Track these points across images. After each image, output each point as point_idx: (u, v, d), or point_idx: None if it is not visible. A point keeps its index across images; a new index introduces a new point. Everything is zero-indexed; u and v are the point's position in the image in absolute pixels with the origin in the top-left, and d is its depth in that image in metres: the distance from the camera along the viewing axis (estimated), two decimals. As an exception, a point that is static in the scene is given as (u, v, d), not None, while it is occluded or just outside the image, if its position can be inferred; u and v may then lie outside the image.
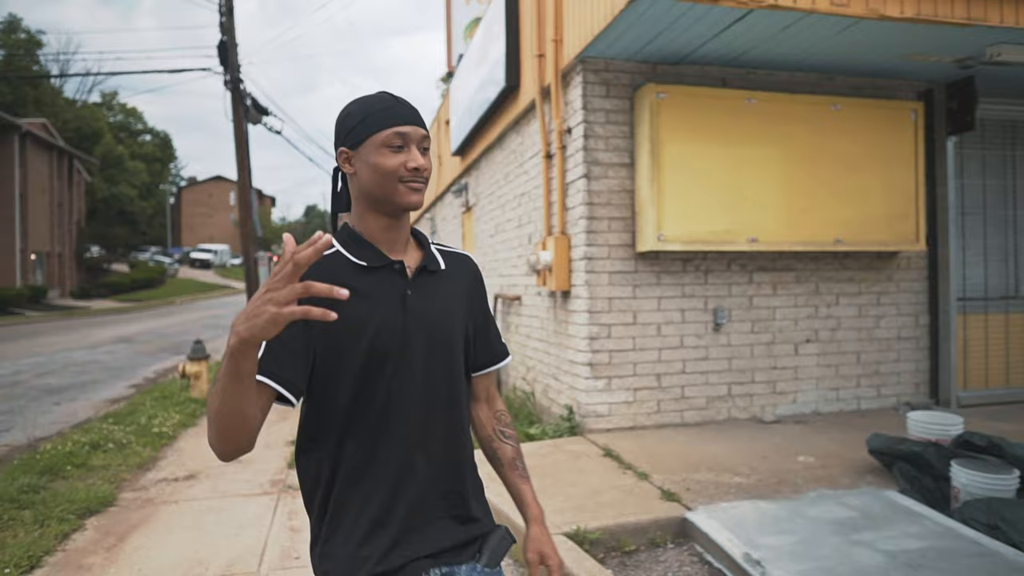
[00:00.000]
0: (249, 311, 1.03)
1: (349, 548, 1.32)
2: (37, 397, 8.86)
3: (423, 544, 1.36)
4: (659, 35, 4.84)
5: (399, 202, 1.35)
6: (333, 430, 1.33)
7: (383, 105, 1.36)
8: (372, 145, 1.34)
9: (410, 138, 1.35)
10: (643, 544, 3.49)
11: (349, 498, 1.33)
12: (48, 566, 3.49)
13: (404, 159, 1.34)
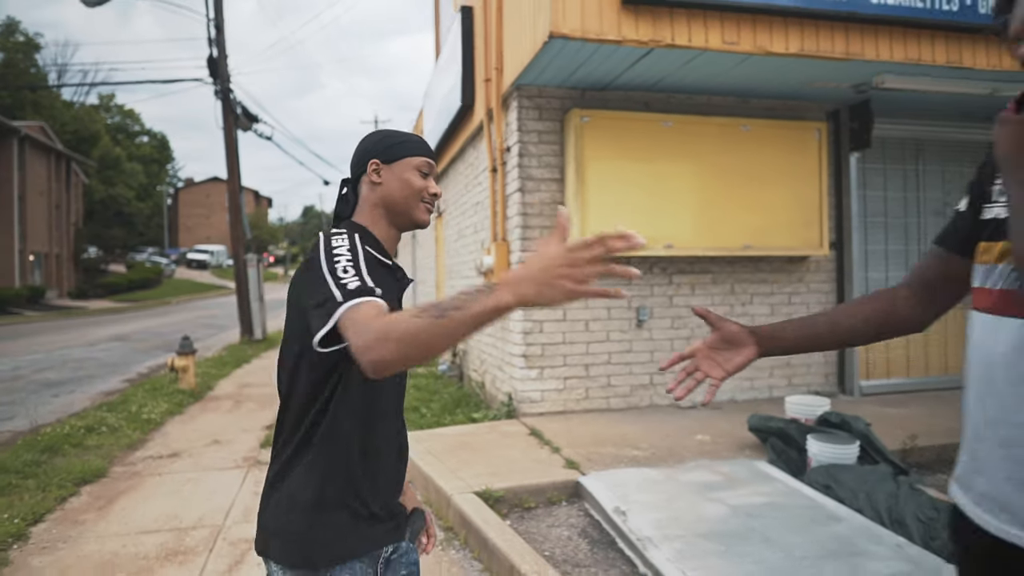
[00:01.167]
0: (540, 279, 1.07)
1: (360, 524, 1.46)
2: (37, 390, 9.57)
3: (397, 521, 1.55)
4: (579, 67, 5.56)
5: (416, 216, 1.57)
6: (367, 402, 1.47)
7: (418, 139, 1.61)
8: (407, 165, 1.55)
9: (433, 170, 1.61)
10: (541, 502, 4.21)
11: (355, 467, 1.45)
12: (49, 521, 4.22)
13: (427, 184, 1.57)
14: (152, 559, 3.65)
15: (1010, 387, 1.15)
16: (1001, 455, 1.17)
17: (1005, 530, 1.16)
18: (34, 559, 3.66)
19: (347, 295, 1.25)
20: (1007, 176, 1.16)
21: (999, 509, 1.17)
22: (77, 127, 44.65)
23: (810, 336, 1.47)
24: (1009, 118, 1.17)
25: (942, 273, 1.40)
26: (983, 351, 1.21)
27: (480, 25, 7.06)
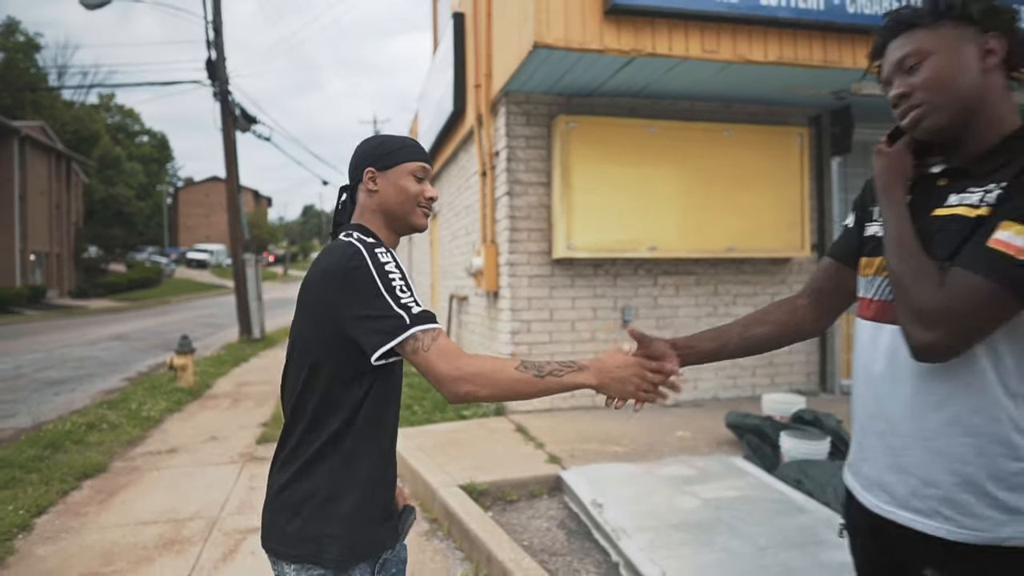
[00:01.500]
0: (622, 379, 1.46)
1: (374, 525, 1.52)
2: (39, 388, 9.75)
3: (394, 522, 1.61)
4: (565, 75, 5.74)
5: (413, 222, 1.60)
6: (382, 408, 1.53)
7: (412, 143, 1.63)
8: (402, 171, 1.57)
9: (428, 173, 1.63)
10: (523, 495, 4.39)
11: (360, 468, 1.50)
12: (52, 513, 4.39)
13: (423, 188, 1.60)
14: (151, 548, 3.83)
15: (886, 385, 1.33)
16: (880, 445, 1.35)
17: (883, 508, 1.34)
18: (38, 548, 3.84)
19: (414, 320, 1.38)
20: (881, 199, 1.34)
21: (879, 490, 1.35)
22: (77, 127, 44.81)
23: (722, 345, 1.65)
24: (883, 150, 1.36)
25: (833, 283, 1.58)
26: (865, 354, 1.39)
27: (471, 32, 7.23)
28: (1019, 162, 1.20)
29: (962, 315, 1.15)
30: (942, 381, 1.24)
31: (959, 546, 1.23)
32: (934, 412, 1.25)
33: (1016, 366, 1.21)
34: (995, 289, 1.13)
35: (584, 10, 5.09)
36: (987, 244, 1.15)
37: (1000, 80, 1.28)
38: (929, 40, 1.28)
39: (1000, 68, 1.28)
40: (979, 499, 1.21)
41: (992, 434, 1.21)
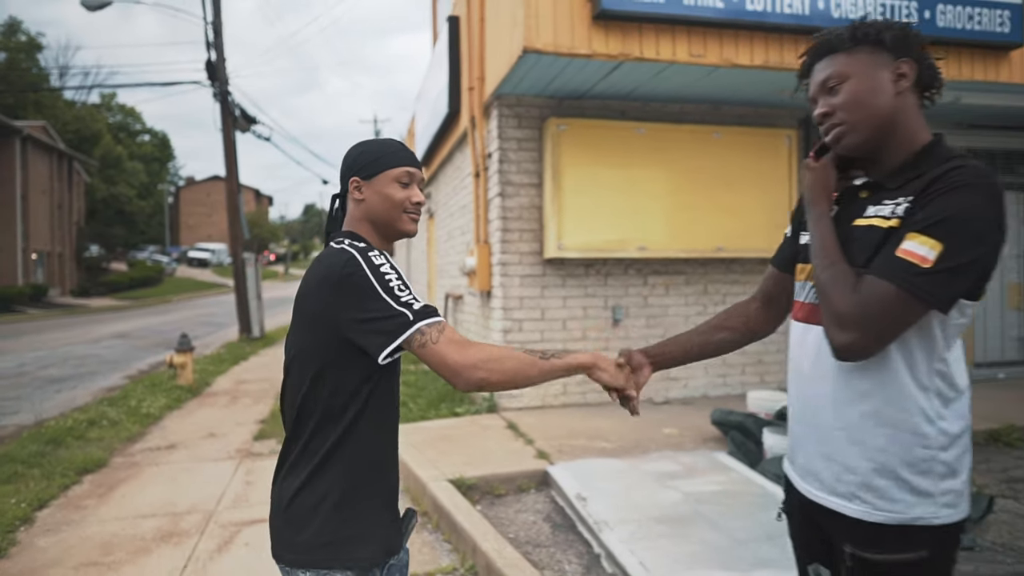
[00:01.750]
0: (609, 371, 1.60)
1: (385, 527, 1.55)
2: (41, 386, 9.88)
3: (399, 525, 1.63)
4: (555, 78, 5.85)
5: (401, 228, 1.60)
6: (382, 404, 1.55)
7: (395, 148, 1.61)
8: (385, 179, 1.57)
9: (414, 177, 1.61)
10: (511, 490, 4.51)
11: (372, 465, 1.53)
12: (53, 506, 4.52)
13: (409, 194, 1.59)
14: (149, 540, 3.95)
15: (813, 382, 1.45)
16: (810, 436, 1.48)
17: (814, 493, 1.47)
18: (40, 540, 3.96)
19: (417, 315, 1.40)
20: (808, 211, 1.46)
21: (811, 478, 1.48)
22: (79, 126, 44.95)
23: (687, 351, 1.79)
24: (810, 165, 1.48)
25: (778, 288, 1.70)
26: (797, 352, 1.52)
27: (465, 35, 7.34)
28: (925, 177, 1.32)
29: (874, 318, 1.26)
30: (861, 378, 1.36)
31: (875, 526, 1.35)
32: (854, 406, 1.38)
33: (927, 362, 1.33)
34: (902, 294, 1.24)
35: (573, 16, 5.20)
36: (895, 254, 1.27)
37: (912, 100, 1.41)
38: (848, 64, 1.40)
39: (912, 90, 1.40)
40: (893, 483, 1.34)
41: (905, 425, 1.33)
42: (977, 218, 1.25)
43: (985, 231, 1.26)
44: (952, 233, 1.24)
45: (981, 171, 1.29)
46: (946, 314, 1.30)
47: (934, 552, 1.34)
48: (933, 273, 1.23)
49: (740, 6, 5.36)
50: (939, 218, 1.25)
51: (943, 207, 1.26)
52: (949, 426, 1.34)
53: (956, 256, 1.23)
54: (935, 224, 1.25)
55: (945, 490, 1.34)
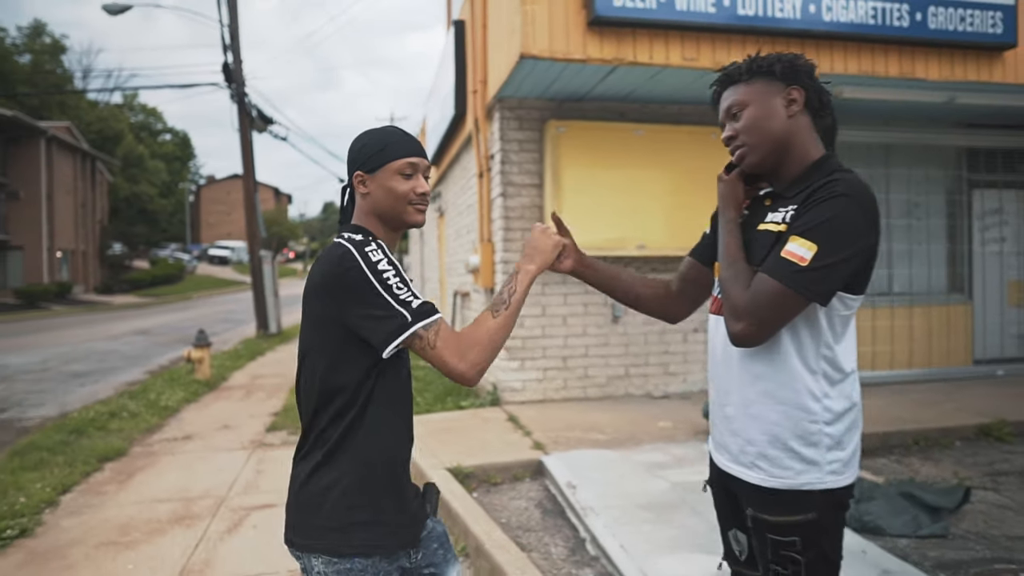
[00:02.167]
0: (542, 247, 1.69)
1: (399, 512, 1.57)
2: (65, 380, 10.24)
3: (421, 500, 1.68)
4: (554, 82, 6.04)
5: (407, 220, 1.61)
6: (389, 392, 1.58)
7: (396, 138, 1.60)
8: (388, 172, 1.57)
9: (418, 167, 1.60)
10: (507, 478, 4.72)
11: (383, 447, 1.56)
12: (76, 491, 4.80)
13: (413, 185, 1.59)
14: (163, 522, 4.21)
15: (722, 366, 1.65)
16: (721, 415, 1.68)
17: (725, 464, 1.67)
18: (63, 521, 4.23)
19: (415, 315, 1.45)
20: (719, 217, 1.66)
21: (723, 451, 1.68)
22: (102, 127, 45.76)
23: (609, 282, 1.91)
24: (721, 178, 1.68)
25: (694, 277, 1.89)
26: (712, 342, 1.72)
27: (470, 40, 7.54)
28: (808, 188, 1.52)
29: (762, 310, 1.47)
30: (757, 362, 1.56)
31: (771, 491, 1.55)
32: (752, 386, 1.58)
33: (814, 348, 1.53)
34: (785, 289, 1.44)
35: (568, 22, 5.38)
36: (780, 254, 1.47)
37: (804, 121, 1.60)
38: (746, 94, 1.60)
39: (804, 112, 1.59)
40: (785, 453, 1.54)
41: (795, 402, 1.53)
42: (848, 223, 1.45)
43: (855, 234, 1.46)
44: (825, 236, 1.44)
45: (854, 182, 1.48)
46: (825, 306, 1.50)
47: (821, 514, 1.54)
48: (810, 270, 1.43)
49: (731, 11, 5.52)
50: (815, 223, 1.45)
51: (819, 213, 1.46)
52: (834, 404, 1.54)
53: (829, 255, 1.43)
54: (812, 228, 1.45)
55: (831, 460, 1.53)
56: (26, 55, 44.11)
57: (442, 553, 1.68)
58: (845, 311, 1.55)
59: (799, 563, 1.54)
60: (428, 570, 1.64)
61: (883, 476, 4.63)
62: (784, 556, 1.55)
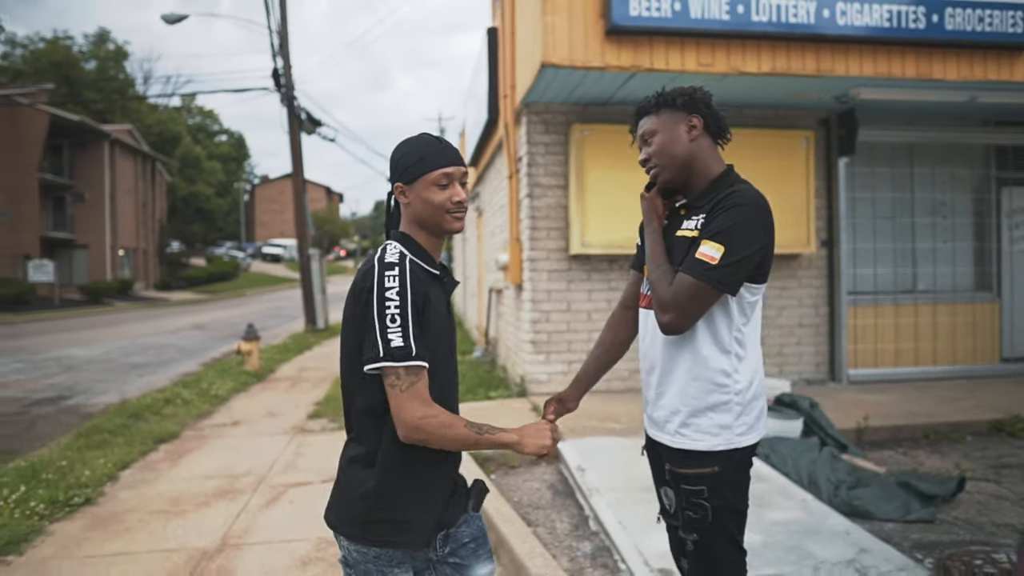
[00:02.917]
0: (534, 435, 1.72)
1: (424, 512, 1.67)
2: (125, 371, 10.93)
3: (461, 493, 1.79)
4: (576, 88, 6.32)
5: (447, 228, 1.67)
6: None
7: (432, 149, 1.66)
8: (424, 183, 1.64)
9: (453, 176, 1.65)
10: (524, 463, 5.04)
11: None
12: (134, 468, 5.29)
13: (450, 194, 1.64)
14: (209, 496, 4.65)
15: (651, 351, 1.96)
16: (651, 392, 1.98)
17: (655, 433, 1.97)
18: (121, 493, 4.71)
19: (387, 353, 1.52)
20: (645, 228, 1.96)
21: (652, 422, 1.98)
22: (161, 129, 47.55)
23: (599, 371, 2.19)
24: (644, 195, 1.98)
25: (636, 286, 2.17)
26: (642, 331, 2.02)
27: (501, 47, 7.87)
28: (714, 199, 1.81)
29: (684, 303, 1.77)
30: (679, 346, 1.86)
31: (687, 451, 1.85)
32: (675, 366, 1.88)
33: (728, 332, 1.83)
34: (701, 284, 1.74)
35: (587, 32, 5.66)
36: (695, 255, 1.77)
37: (706, 143, 1.90)
38: (655, 122, 1.90)
39: (704, 135, 1.89)
40: (702, 420, 1.84)
41: (709, 379, 1.83)
42: (747, 227, 1.75)
43: (754, 236, 1.77)
44: (730, 238, 1.74)
45: (750, 194, 1.79)
46: (735, 295, 1.79)
47: (724, 468, 1.83)
48: (719, 268, 1.73)
49: (746, 17, 5.72)
50: (721, 228, 1.75)
51: (724, 220, 1.76)
52: (742, 378, 1.85)
53: (734, 254, 1.74)
54: (719, 233, 1.75)
55: (739, 424, 1.84)
56: (92, 61, 46.14)
57: (473, 548, 1.76)
58: (751, 298, 1.86)
59: (706, 508, 1.84)
60: (453, 560, 1.73)
61: (885, 467, 4.80)
62: (694, 503, 1.86)
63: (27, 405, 8.23)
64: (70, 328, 19.17)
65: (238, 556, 3.66)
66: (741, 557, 1.96)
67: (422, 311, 1.58)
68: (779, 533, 3.61)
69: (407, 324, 1.54)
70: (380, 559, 1.63)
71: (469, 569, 1.74)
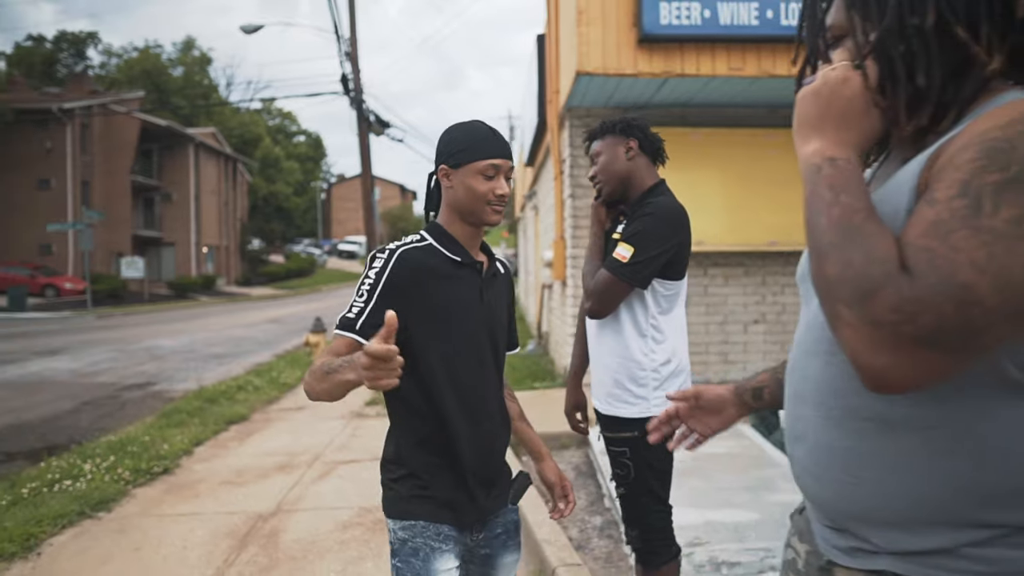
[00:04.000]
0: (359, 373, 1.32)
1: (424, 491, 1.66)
2: (205, 360, 11.80)
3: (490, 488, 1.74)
4: (613, 94, 6.62)
5: (484, 219, 1.65)
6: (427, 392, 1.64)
7: (482, 136, 1.64)
8: (471, 170, 1.61)
9: (500, 169, 1.63)
10: (555, 446, 5.40)
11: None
12: (206, 445, 5.92)
13: (493, 186, 1.62)
14: (269, 469, 5.20)
15: (591, 334, 2.33)
16: (593, 370, 2.33)
17: (596, 403, 2.33)
18: (195, 465, 5.32)
19: (339, 321, 1.57)
20: (589, 230, 2.32)
21: (595, 396, 2.34)
22: (243, 131, 49.71)
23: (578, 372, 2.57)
24: (592, 204, 2.33)
25: None
26: (588, 323, 2.37)
27: (548, 53, 8.22)
28: (636, 208, 2.15)
29: (600, 293, 2.13)
30: (606, 329, 2.23)
31: (613, 417, 2.22)
32: (603, 345, 2.25)
33: (644, 319, 2.18)
34: (613, 278, 2.10)
35: (620, 40, 5.96)
36: (613, 254, 2.11)
37: (643, 161, 2.24)
38: (600, 145, 2.25)
39: (640, 154, 2.22)
40: (623, 392, 2.19)
41: (629, 356, 2.18)
42: (654, 231, 2.10)
43: (660, 239, 2.11)
44: (638, 241, 2.10)
45: (661, 204, 2.13)
46: (645, 289, 2.13)
47: (643, 433, 2.15)
48: (629, 265, 2.09)
49: (775, 22, 5.91)
50: (633, 232, 2.11)
51: (636, 226, 2.13)
52: (658, 357, 2.20)
53: (641, 254, 2.09)
54: (630, 236, 2.11)
55: (655, 396, 2.17)
56: (179, 68, 48.71)
57: (504, 538, 1.77)
58: (666, 292, 2.19)
59: (629, 467, 2.19)
60: (484, 551, 1.74)
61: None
62: (620, 462, 2.22)
63: (119, 390, 9.08)
64: (158, 321, 20.54)
65: (289, 519, 4.16)
66: (664, 508, 2.31)
67: (400, 294, 1.55)
68: (776, 512, 3.87)
69: (370, 299, 1.55)
70: (427, 532, 1.62)
71: (495, 559, 1.76)
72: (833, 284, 0.79)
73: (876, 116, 0.92)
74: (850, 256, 0.79)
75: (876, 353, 0.75)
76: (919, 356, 0.74)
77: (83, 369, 10.83)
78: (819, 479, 0.95)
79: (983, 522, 0.84)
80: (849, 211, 0.82)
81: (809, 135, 0.94)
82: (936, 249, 0.74)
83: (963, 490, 0.84)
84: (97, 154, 31.46)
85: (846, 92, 0.92)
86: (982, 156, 0.78)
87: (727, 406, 1.46)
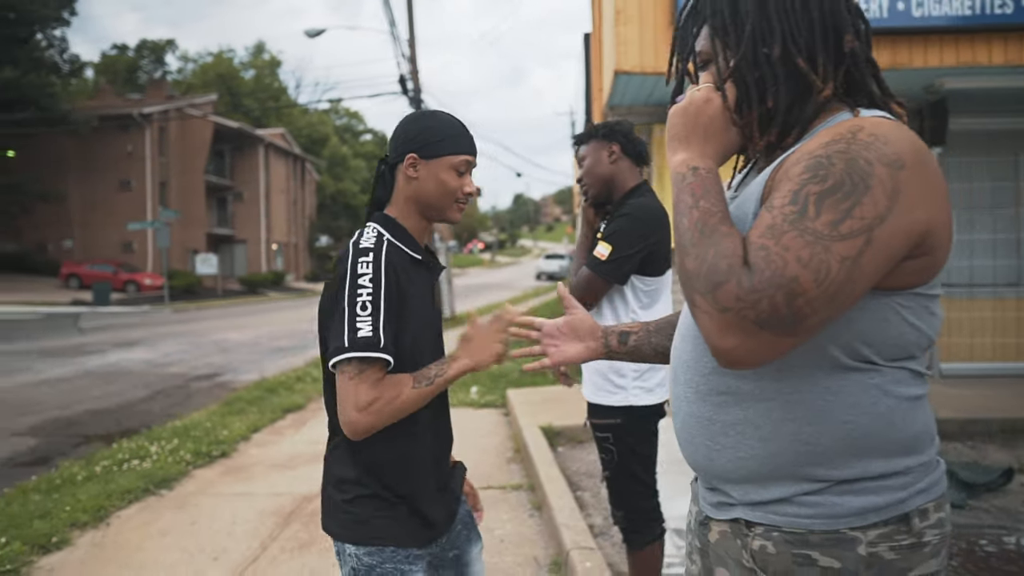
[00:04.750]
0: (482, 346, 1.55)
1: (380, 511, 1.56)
2: (270, 353, 12.36)
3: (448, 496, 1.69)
4: (652, 92, 6.71)
5: (448, 216, 1.58)
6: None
7: (459, 131, 1.57)
8: (445, 164, 1.53)
9: (471, 166, 1.58)
10: (588, 438, 5.54)
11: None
12: (264, 431, 6.30)
13: (463, 183, 1.56)
14: (319, 455, 5.47)
15: None
16: (584, 369, 2.48)
17: (585, 394, 2.48)
18: (251, 449, 5.69)
19: (354, 344, 1.39)
20: (579, 229, 2.47)
21: (584, 386, 2.48)
22: (311, 131, 51.12)
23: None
24: (582, 205, 2.48)
25: None
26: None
27: (593, 52, 8.35)
28: (616, 208, 2.29)
29: (583, 288, 2.29)
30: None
31: (599, 405, 2.38)
32: None
33: (625, 313, 2.33)
34: (592, 275, 2.26)
35: (657, 39, 6.05)
36: (594, 252, 2.26)
37: (626, 164, 2.38)
38: (586, 150, 2.40)
39: (623, 157, 2.36)
40: (605, 382, 2.35)
41: None
42: (629, 231, 2.24)
43: (636, 238, 2.25)
44: (615, 240, 2.24)
45: (638, 205, 2.27)
46: (623, 285, 2.27)
47: (624, 420, 2.32)
48: (607, 263, 2.24)
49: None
50: (610, 232, 2.26)
51: (614, 226, 2.28)
52: None
53: (618, 253, 2.23)
54: (608, 235, 2.26)
55: (635, 386, 2.31)
56: (250, 71, 50.44)
57: (465, 534, 1.74)
58: (646, 288, 2.33)
59: (612, 452, 2.34)
60: (452, 552, 1.70)
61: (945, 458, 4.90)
62: (604, 447, 2.37)
63: (187, 380, 9.64)
64: (229, 315, 21.47)
65: (332, 500, 4.45)
66: (647, 490, 2.45)
67: (396, 299, 1.47)
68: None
69: (378, 313, 1.43)
70: (397, 556, 1.53)
71: (464, 555, 1.72)
72: (691, 276, 0.95)
73: (734, 132, 1.08)
74: (704, 253, 0.94)
75: (725, 335, 0.91)
76: (760, 337, 0.89)
77: (157, 360, 11.51)
78: (691, 445, 1.12)
79: (814, 476, 1.01)
80: (706, 214, 0.98)
81: (677, 147, 1.10)
82: (771, 248, 0.90)
83: (798, 451, 1.00)
84: (173, 156, 32.98)
85: (709, 111, 1.07)
86: (808, 170, 0.94)
87: (589, 339, 1.46)
